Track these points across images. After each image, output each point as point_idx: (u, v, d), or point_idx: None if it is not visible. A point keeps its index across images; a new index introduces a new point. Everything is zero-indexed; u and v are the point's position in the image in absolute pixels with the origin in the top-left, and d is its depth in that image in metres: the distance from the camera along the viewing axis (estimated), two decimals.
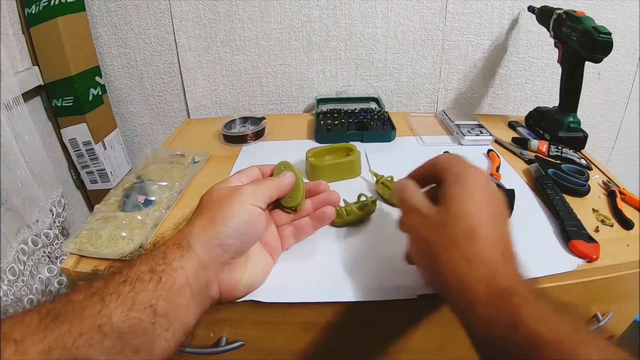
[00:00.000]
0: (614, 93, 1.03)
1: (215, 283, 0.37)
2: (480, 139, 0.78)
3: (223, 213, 0.37)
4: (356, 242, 0.52)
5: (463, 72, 0.98)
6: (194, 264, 0.34)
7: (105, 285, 0.30)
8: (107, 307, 0.29)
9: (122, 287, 0.30)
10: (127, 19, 0.90)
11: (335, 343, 0.50)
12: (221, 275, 0.37)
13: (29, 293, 0.70)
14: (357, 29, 0.92)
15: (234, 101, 1.00)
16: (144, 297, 0.30)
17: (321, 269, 0.47)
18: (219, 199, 0.39)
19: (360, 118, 0.82)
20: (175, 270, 0.33)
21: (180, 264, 0.34)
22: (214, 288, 0.37)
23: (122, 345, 0.28)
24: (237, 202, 0.38)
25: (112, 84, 0.98)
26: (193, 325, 0.34)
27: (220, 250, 0.36)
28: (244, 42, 0.93)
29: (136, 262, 0.33)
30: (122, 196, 0.61)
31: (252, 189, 0.40)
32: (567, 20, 0.73)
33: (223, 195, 0.39)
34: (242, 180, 0.43)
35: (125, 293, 0.30)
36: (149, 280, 0.32)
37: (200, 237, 0.36)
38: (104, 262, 0.49)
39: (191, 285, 0.34)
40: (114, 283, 0.31)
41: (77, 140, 0.88)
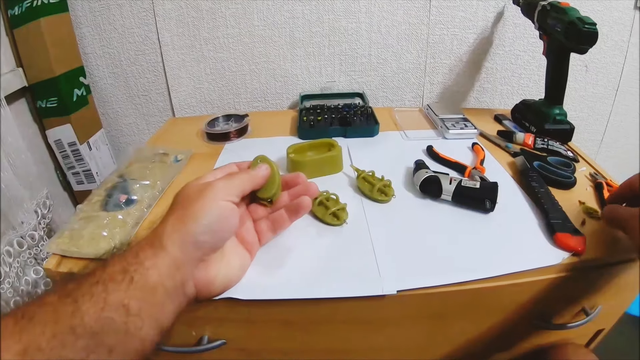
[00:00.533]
0: (601, 85, 1.03)
1: (191, 280, 0.37)
2: (465, 132, 0.77)
3: (194, 210, 0.37)
4: (335, 238, 0.51)
5: (448, 66, 0.97)
6: (167, 263, 0.34)
7: (78, 287, 0.31)
8: (80, 309, 0.29)
9: (94, 288, 0.31)
10: (110, 19, 0.90)
11: (316, 340, 0.50)
12: (196, 273, 0.37)
13: (16, 295, 0.69)
14: (340, 24, 0.91)
15: (219, 99, 1.00)
16: (116, 297, 0.31)
17: (300, 266, 0.47)
18: (190, 196, 0.39)
19: (344, 114, 0.82)
20: (147, 270, 0.33)
21: (153, 262, 0.34)
22: (189, 285, 0.37)
23: (95, 345, 0.29)
24: (208, 198, 0.38)
25: (97, 84, 0.97)
26: (169, 323, 0.34)
27: (193, 247, 0.36)
28: (228, 40, 0.92)
29: (109, 262, 0.33)
30: (104, 195, 0.61)
31: (223, 183, 0.40)
32: (552, 11, 0.72)
33: (195, 192, 0.39)
34: (217, 177, 0.42)
35: (97, 293, 0.30)
36: (121, 280, 0.32)
37: (173, 236, 0.36)
38: (85, 262, 0.49)
39: (165, 284, 0.34)
40: (86, 284, 0.31)
41: (63, 141, 0.88)
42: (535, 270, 0.46)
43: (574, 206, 0.57)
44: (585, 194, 0.61)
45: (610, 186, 0.61)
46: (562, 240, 0.49)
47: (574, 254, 0.47)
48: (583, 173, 0.66)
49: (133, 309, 0.31)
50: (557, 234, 0.49)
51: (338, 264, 0.47)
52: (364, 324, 0.49)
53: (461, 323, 0.51)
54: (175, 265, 0.35)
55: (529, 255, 0.48)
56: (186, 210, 0.37)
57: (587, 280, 0.50)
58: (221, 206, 0.38)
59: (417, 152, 0.72)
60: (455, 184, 0.56)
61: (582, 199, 0.59)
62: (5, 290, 0.67)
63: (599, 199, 0.59)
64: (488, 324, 0.51)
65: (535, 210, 0.56)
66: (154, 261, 0.34)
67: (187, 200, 0.38)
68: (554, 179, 0.62)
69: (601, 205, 0.58)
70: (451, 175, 0.58)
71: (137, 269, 0.33)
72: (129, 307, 0.31)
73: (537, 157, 0.68)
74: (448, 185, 0.57)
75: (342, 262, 0.47)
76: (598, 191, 0.61)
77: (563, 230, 0.50)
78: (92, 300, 0.30)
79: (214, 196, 0.38)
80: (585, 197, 0.59)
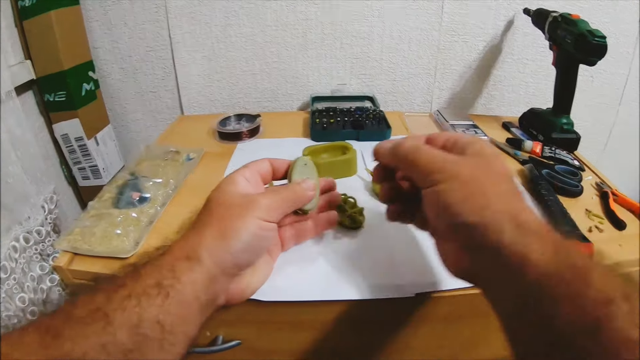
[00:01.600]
0: (606, 96, 1.04)
1: (223, 293, 0.36)
2: None
3: (235, 226, 0.35)
4: (353, 240, 0.52)
5: (458, 72, 0.98)
6: (204, 278, 0.33)
7: (108, 300, 0.29)
8: (112, 324, 0.27)
9: (126, 302, 0.29)
10: (121, 14, 0.89)
11: (331, 342, 0.50)
12: (229, 285, 0.37)
13: (21, 291, 0.69)
14: (353, 27, 0.92)
15: (228, 98, 0.99)
16: (150, 313, 0.29)
17: (318, 268, 0.47)
18: (230, 208, 0.37)
19: (356, 117, 0.82)
20: (184, 285, 0.32)
21: (190, 278, 0.32)
22: (221, 298, 0.36)
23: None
24: (251, 216, 0.36)
25: (105, 79, 0.96)
26: (196, 335, 0.33)
27: (231, 264, 0.35)
28: (240, 39, 0.92)
29: (141, 273, 0.31)
30: (115, 193, 0.60)
31: (267, 203, 0.38)
32: (563, 23, 0.73)
33: (235, 204, 0.37)
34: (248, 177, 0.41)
35: (130, 308, 0.29)
36: (155, 294, 0.30)
37: (211, 250, 0.34)
38: (98, 259, 0.48)
39: (199, 299, 0.32)
40: (117, 297, 0.29)
41: (69, 136, 0.87)
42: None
43: (581, 214, 0.58)
44: (591, 203, 0.62)
45: (615, 195, 0.62)
46: None
47: None
48: (589, 182, 0.67)
49: (167, 325, 0.30)
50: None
51: (355, 267, 0.47)
52: (380, 326, 0.49)
53: (474, 326, 0.51)
54: (211, 280, 0.33)
55: None
56: (226, 223, 0.35)
57: None
58: (264, 227, 0.37)
59: None
60: None
61: (588, 207, 0.60)
62: (11, 286, 0.66)
63: (604, 208, 0.60)
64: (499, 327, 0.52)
65: (544, 217, 0.57)
66: (190, 276, 0.32)
67: (227, 211, 0.36)
68: (562, 187, 0.63)
69: (606, 213, 0.59)
70: None
71: (172, 284, 0.31)
72: (164, 323, 0.29)
73: (545, 165, 0.69)
74: None
75: (360, 265, 0.47)
76: (604, 200, 0.62)
77: (572, 237, 0.50)
78: (124, 316, 0.28)
79: (258, 215, 0.36)
80: (591, 206, 0.60)
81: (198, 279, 0.33)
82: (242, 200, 0.37)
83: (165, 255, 0.34)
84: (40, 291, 0.73)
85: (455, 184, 0.32)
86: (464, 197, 0.31)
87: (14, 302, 0.67)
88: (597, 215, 0.58)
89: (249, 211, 0.36)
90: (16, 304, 0.66)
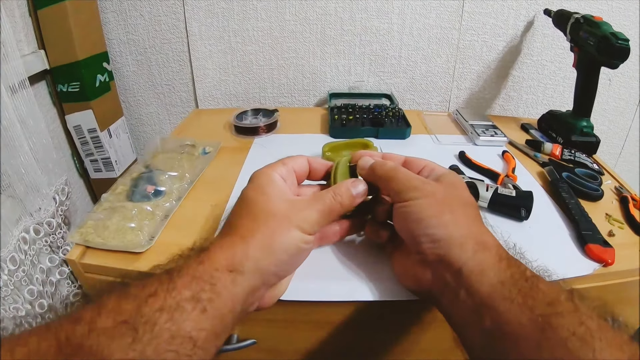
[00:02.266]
0: (623, 99, 1.03)
1: (258, 301, 0.35)
2: (495, 139, 0.77)
3: (283, 239, 0.34)
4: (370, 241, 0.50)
5: (476, 72, 0.97)
6: (245, 291, 0.32)
7: (138, 312, 0.26)
8: (140, 341, 0.25)
9: (158, 316, 0.26)
10: (137, 5, 0.88)
11: (347, 341, 0.50)
12: (265, 294, 0.36)
13: (30, 283, 0.68)
14: (372, 24, 0.91)
15: (244, 92, 0.98)
16: (183, 330, 0.27)
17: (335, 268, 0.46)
18: (276, 217, 0.35)
19: (375, 114, 0.81)
20: (224, 301, 0.30)
21: (231, 292, 0.30)
22: (254, 305, 0.35)
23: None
24: (296, 228, 0.35)
25: (120, 70, 0.96)
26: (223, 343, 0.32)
27: (273, 276, 0.35)
28: (257, 33, 0.91)
29: (176, 283, 0.29)
30: (130, 186, 0.59)
31: (314, 217, 0.36)
32: (585, 24, 0.72)
33: (281, 213, 0.35)
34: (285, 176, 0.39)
35: (161, 323, 0.26)
36: (191, 309, 0.28)
37: (258, 262, 0.32)
38: (111, 253, 0.47)
39: (236, 310, 0.31)
40: (148, 309, 0.26)
41: (82, 127, 0.86)
42: (565, 281, 0.46)
43: (601, 218, 0.58)
44: (611, 207, 0.61)
45: (635, 200, 0.61)
46: (594, 252, 0.49)
47: (603, 265, 0.48)
48: (608, 186, 0.67)
49: (200, 342, 0.28)
50: (589, 245, 0.50)
51: (375, 267, 0.46)
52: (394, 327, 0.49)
53: None
54: (252, 292, 0.32)
55: (561, 264, 0.47)
56: (275, 236, 0.34)
57: (611, 292, 0.50)
58: (307, 240, 0.36)
59: (449, 157, 0.72)
60: (491, 191, 0.56)
61: (608, 211, 0.59)
62: (20, 278, 0.65)
63: (624, 213, 0.59)
64: None
65: (565, 220, 0.56)
66: (232, 290, 0.30)
67: (273, 221, 0.35)
68: (582, 190, 0.62)
69: (626, 218, 0.58)
70: (487, 182, 0.58)
71: (211, 298, 0.29)
72: (197, 340, 0.27)
73: (565, 168, 0.68)
74: (485, 192, 0.56)
75: (375, 266, 0.46)
76: (623, 205, 0.61)
77: (594, 241, 0.50)
78: (154, 331, 0.26)
79: (305, 228, 0.35)
80: (611, 210, 0.60)
81: (239, 292, 0.31)
82: (286, 207, 0.36)
83: (204, 264, 0.31)
84: (49, 283, 0.72)
85: (430, 201, 0.36)
86: (436, 214, 0.35)
87: (22, 294, 0.66)
88: (617, 220, 0.57)
89: (296, 223, 0.35)
90: (25, 295, 0.65)
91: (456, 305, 0.33)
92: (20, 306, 0.65)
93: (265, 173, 0.38)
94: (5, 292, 0.62)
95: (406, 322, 0.48)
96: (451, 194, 0.37)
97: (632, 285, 0.50)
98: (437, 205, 0.35)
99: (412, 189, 0.37)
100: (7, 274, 0.63)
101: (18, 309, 0.64)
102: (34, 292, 0.67)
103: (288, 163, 0.41)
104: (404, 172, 0.39)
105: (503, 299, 0.29)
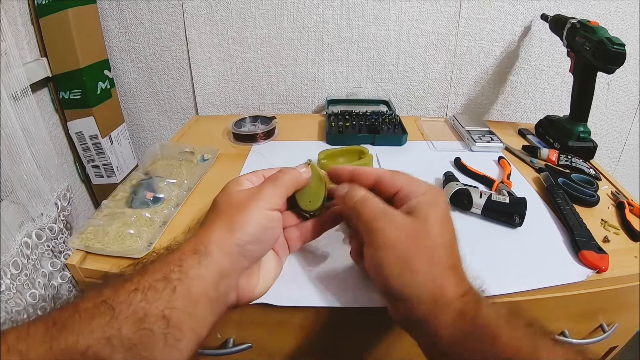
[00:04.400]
0: (622, 104, 1.03)
1: (234, 289, 0.36)
2: (491, 145, 0.78)
3: (242, 219, 0.36)
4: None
5: (474, 77, 0.97)
6: (213, 272, 0.33)
7: (115, 294, 0.29)
8: (117, 318, 0.27)
9: (132, 296, 0.29)
10: (137, 13, 0.90)
11: (343, 345, 0.50)
12: (240, 281, 0.36)
13: (32, 287, 0.69)
14: (369, 31, 0.91)
15: (243, 99, 0.99)
16: (156, 308, 0.29)
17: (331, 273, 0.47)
18: (236, 203, 0.37)
19: (372, 121, 0.82)
20: (191, 279, 0.31)
21: (198, 272, 0.32)
22: (232, 294, 0.36)
23: (131, 357, 0.27)
24: (257, 207, 0.37)
25: (121, 78, 0.97)
26: (207, 333, 0.33)
27: (240, 257, 0.35)
28: (256, 41, 0.92)
29: (148, 268, 0.31)
30: (129, 192, 0.60)
31: (271, 190, 0.38)
32: (581, 29, 0.72)
33: (241, 199, 0.38)
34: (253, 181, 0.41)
35: (136, 302, 0.28)
36: (162, 289, 0.30)
37: (220, 243, 0.34)
38: (110, 259, 0.48)
39: (209, 294, 0.32)
40: (124, 291, 0.29)
41: (84, 134, 0.87)
42: (558, 287, 0.47)
43: (597, 224, 0.58)
44: (607, 213, 0.61)
45: (631, 205, 0.61)
46: (587, 258, 0.49)
47: (597, 271, 0.48)
48: (605, 191, 0.67)
49: (173, 320, 0.29)
50: (582, 251, 0.50)
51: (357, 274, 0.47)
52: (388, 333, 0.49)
53: None
54: (221, 275, 0.33)
55: (555, 271, 0.48)
56: (234, 217, 0.36)
57: (606, 298, 0.50)
58: (269, 216, 0.37)
59: (444, 163, 0.72)
60: (485, 198, 0.56)
61: (603, 217, 0.59)
62: (22, 282, 0.66)
63: (620, 218, 0.59)
64: None
65: (560, 226, 0.56)
66: (198, 271, 0.32)
67: (234, 207, 0.37)
68: (578, 196, 0.62)
69: (622, 225, 0.58)
70: (480, 189, 0.58)
71: (180, 277, 0.31)
72: (170, 318, 0.29)
73: (561, 173, 0.68)
74: (478, 199, 0.56)
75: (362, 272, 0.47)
76: (620, 210, 0.61)
77: (588, 248, 0.50)
78: (130, 310, 0.28)
79: (263, 205, 0.37)
80: (607, 216, 0.60)
81: (207, 273, 0.32)
82: (248, 194, 0.38)
83: (174, 251, 0.33)
84: (51, 287, 0.73)
85: (390, 252, 0.35)
86: (395, 263, 0.34)
87: (24, 297, 0.67)
88: (613, 226, 0.58)
89: (253, 202, 0.37)
90: (27, 299, 0.67)
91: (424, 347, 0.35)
92: (23, 310, 0.66)
93: (234, 179, 0.41)
94: (8, 295, 0.64)
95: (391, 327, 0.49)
96: (419, 236, 0.35)
97: (629, 291, 0.50)
98: (398, 254, 0.34)
99: (374, 231, 0.36)
100: (9, 278, 0.64)
101: (20, 313, 0.65)
102: (36, 295, 0.68)
103: (257, 172, 0.43)
104: (370, 208, 0.37)
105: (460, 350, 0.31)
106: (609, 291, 0.49)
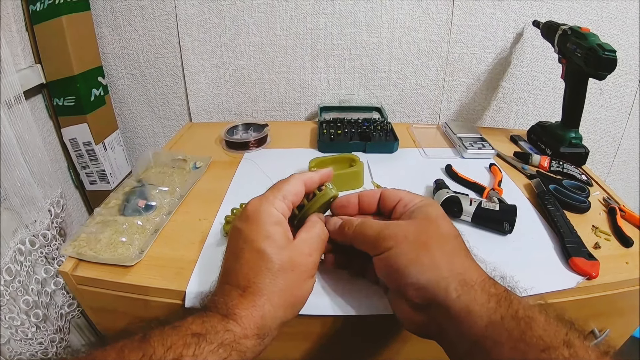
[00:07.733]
0: (615, 109, 1.03)
1: None
2: (483, 152, 0.78)
3: (302, 293, 0.37)
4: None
5: (466, 84, 0.98)
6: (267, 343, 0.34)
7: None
8: None
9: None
10: (131, 20, 0.90)
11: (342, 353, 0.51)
12: None
13: (25, 294, 0.69)
14: (362, 38, 0.92)
15: (237, 106, 1.00)
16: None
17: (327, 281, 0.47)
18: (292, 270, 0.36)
19: (363, 128, 0.82)
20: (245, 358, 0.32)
21: (256, 351, 0.33)
22: None
23: None
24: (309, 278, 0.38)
25: (115, 84, 0.97)
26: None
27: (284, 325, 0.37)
28: (249, 48, 0.93)
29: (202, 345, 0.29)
30: (122, 200, 0.61)
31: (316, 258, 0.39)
32: (572, 36, 0.73)
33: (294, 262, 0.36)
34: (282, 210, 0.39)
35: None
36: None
37: (284, 319, 0.36)
38: (103, 267, 0.49)
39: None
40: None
41: (78, 140, 0.87)
42: (549, 293, 0.47)
43: (588, 230, 0.58)
44: (599, 219, 0.61)
45: (623, 211, 0.61)
46: (578, 265, 0.49)
47: (587, 278, 0.48)
48: (596, 197, 0.67)
49: None
50: (573, 258, 0.50)
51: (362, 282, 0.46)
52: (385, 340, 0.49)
53: None
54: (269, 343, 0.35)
55: (545, 278, 0.48)
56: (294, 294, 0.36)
57: (597, 304, 0.50)
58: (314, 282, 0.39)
59: (435, 171, 0.72)
60: (475, 205, 0.57)
61: (595, 223, 0.59)
62: (16, 288, 0.67)
63: (611, 224, 0.60)
64: None
65: (550, 233, 0.56)
66: (257, 350, 0.33)
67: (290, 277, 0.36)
68: (569, 202, 0.62)
69: (614, 230, 0.58)
70: (471, 196, 0.59)
71: None
72: None
73: (552, 180, 0.69)
74: (468, 206, 0.57)
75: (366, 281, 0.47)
76: (611, 216, 0.61)
77: (578, 254, 0.50)
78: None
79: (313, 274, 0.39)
80: (598, 222, 0.60)
81: (262, 346, 0.34)
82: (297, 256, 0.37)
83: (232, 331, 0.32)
84: (44, 294, 0.73)
85: (404, 248, 0.35)
86: (413, 260, 0.34)
87: (18, 304, 0.67)
88: (604, 232, 0.58)
89: (307, 273, 0.38)
90: (20, 306, 0.67)
91: (452, 346, 0.34)
92: (16, 316, 0.66)
93: (269, 213, 0.37)
94: (2, 302, 0.64)
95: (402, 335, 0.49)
96: (426, 231, 0.36)
97: (621, 297, 0.50)
98: (412, 250, 0.34)
99: (383, 240, 0.36)
100: (3, 285, 0.64)
101: (14, 319, 0.65)
102: (29, 302, 0.69)
103: (285, 192, 0.39)
104: (371, 225, 0.38)
105: (494, 343, 0.29)
106: (600, 297, 0.49)
